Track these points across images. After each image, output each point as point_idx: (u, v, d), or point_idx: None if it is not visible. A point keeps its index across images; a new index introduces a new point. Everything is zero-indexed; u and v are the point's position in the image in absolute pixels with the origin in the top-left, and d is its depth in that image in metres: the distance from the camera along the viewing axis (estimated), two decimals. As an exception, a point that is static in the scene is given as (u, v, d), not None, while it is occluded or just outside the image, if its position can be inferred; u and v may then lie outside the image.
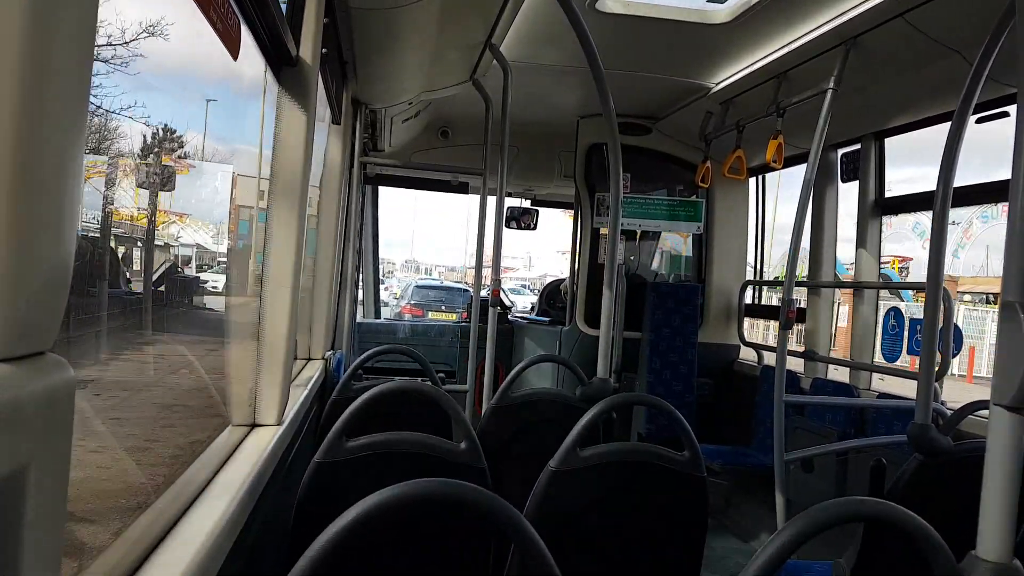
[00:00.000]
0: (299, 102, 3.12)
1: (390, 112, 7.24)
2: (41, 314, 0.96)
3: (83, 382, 2.37)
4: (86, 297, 2.31)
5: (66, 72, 0.97)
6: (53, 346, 1.00)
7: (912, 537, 1.70)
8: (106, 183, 2.51)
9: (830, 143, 6.65)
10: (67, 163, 0.99)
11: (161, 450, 3.19)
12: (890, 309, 6.30)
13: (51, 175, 0.94)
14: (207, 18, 2.15)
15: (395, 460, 2.90)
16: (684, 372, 7.93)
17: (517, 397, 4.54)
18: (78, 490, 2.09)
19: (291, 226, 3.13)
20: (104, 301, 2.52)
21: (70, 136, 1.00)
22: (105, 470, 2.53)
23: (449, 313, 19.51)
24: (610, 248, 4.98)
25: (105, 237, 2.59)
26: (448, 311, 19.75)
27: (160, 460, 3.09)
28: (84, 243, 2.32)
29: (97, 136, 2.26)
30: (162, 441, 3.26)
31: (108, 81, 2.05)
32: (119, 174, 2.59)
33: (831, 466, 6.02)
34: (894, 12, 4.53)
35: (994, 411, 2.39)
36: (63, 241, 0.99)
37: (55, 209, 0.96)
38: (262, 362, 3.11)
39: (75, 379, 1.04)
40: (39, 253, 0.92)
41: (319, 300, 5.84)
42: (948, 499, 3.32)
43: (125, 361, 3.13)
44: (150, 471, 2.86)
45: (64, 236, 0.99)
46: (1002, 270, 2.42)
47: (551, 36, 5.65)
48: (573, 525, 3.06)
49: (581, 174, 8.22)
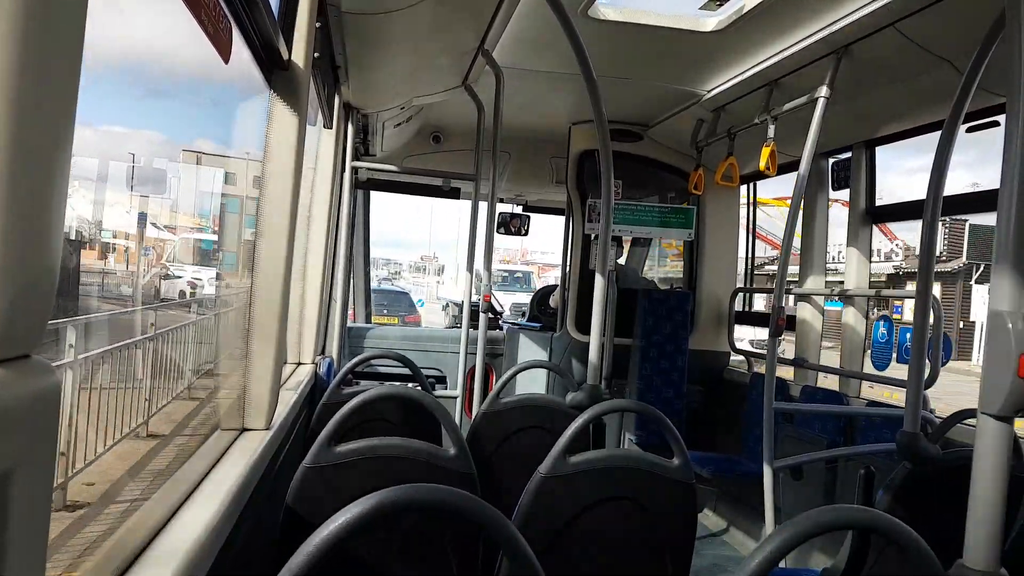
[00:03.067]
0: (290, 106, 3.12)
1: (382, 116, 7.24)
2: (26, 317, 0.95)
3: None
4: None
5: (54, 75, 0.97)
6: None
7: (899, 545, 1.70)
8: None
9: (821, 151, 6.66)
10: (54, 166, 0.99)
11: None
12: (880, 317, 6.32)
13: (37, 178, 0.94)
14: (198, 21, 2.14)
15: (384, 465, 2.90)
16: (675, 379, 7.93)
17: (507, 403, 4.53)
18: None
19: (282, 230, 3.13)
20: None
21: (57, 140, 1.00)
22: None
23: (392, 317, 20.13)
24: (601, 254, 4.98)
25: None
26: (390, 315, 20.40)
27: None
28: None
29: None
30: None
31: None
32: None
33: (821, 474, 6.03)
34: (885, 21, 4.55)
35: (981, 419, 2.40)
36: (49, 244, 0.98)
37: (41, 212, 0.96)
38: (251, 366, 3.10)
39: (60, 382, 1.03)
40: (24, 256, 0.92)
41: (309, 304, 5.83)
42: (937, 507, 3.32)
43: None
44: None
45: (50, 239, 0.99)
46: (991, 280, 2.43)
47: (544, 42, 5.65)
48: (562, 531, 3.06)
49: (573, 180, 8.21)
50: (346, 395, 4.31)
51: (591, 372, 4.86)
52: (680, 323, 8.00)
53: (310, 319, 5.83)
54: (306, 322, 5.80)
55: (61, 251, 1.03)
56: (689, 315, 8.15)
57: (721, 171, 6.78)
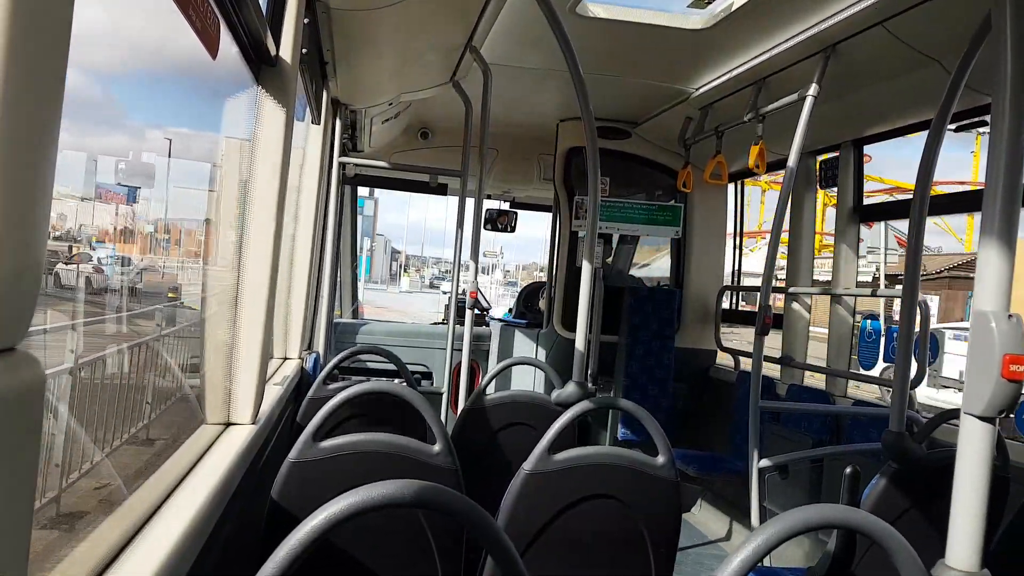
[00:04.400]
0: (278, 101, 3.11)
1: (370, 112, 7.23)
2: (10, 310, 0.95)
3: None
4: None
5: (40, 70, 0.97)
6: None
7: (881, 545, 1.71)
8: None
9: (808, 150, 6.67)
10: (39, 161, 0.98)
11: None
12: (867, 316, 6.33)
13: (22, 173, 0.94)
14: (185, 16, 2.14)
15: (368, 461, 2.89)
16: (661, 377, 7.94)
17: (492, 399, 4.53)
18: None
19: (269, 225, 3.12)
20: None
21: (43, 134, 0.99)
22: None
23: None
24: (587, 251, 4.98)
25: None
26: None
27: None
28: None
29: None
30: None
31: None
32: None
33: (807, 472, 6.05)
34: (873, 20, 4.56)
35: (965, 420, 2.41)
36: (34, 236, 0.98)
37: (26, 206, 0.95)
38: (237, 361, 3.10)
39: (45, 377, 1.03)
40: (8, 249, 0.92)
41: (296, 299, 5.82)
42: (922, 507, 3.34)
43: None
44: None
45: (35, 231, 0.98)
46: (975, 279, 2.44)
47: (532, 39, 5.65)
48: (546, 529, 3.05)
49: (560, 177, 8.21)
50: (332, 390, 4.30)
51: (576, 369, 4.87)
52: (666, 321, 8.01)
53: (297, 314, 5.82)
54: (293, 317, 5.79)
55: (46, 245, 1.02)
56: (676, 313, 8.16)
57: (710, 169, 6.78)
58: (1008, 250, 2.40)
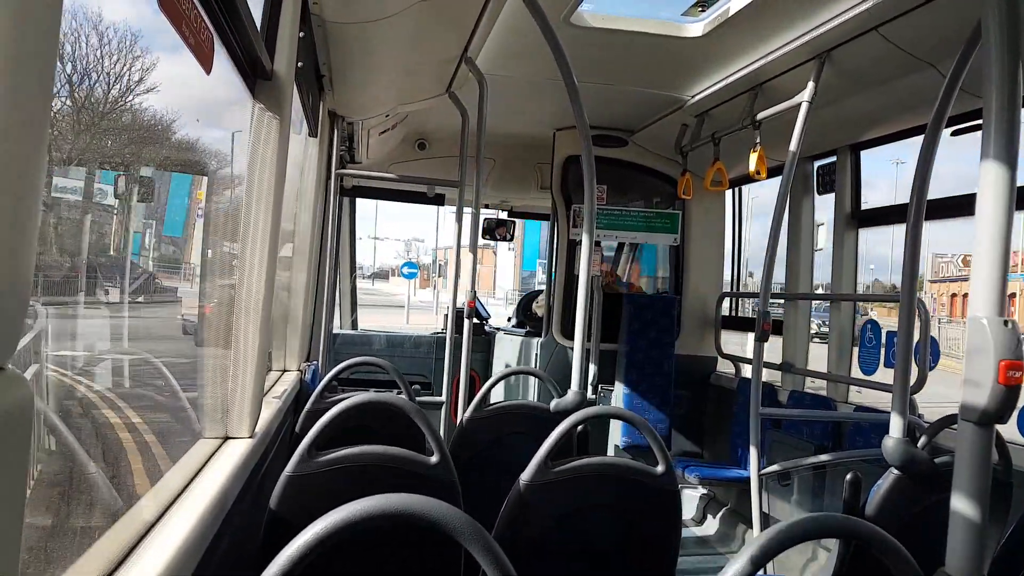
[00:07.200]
0: (274, 115, 3.11)
1: (367, 124, 7.24)
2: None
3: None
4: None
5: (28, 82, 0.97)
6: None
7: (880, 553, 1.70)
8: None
9: (805, 155, 6.67)
10: (27, 177, 0.98)
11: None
12: (867, 322, 6.32)
13: (10, 189, 0.93)
14: (179, 32, 2.13)
15: (366, 473, 2.89)
16: (661, 384, 7.91)
17: (491, 409, 4.53)
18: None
19: (265, 238, 3.11)
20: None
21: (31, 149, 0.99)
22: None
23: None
24: (585, 260, 4.97)
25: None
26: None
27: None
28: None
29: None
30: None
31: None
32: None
33: (809, 479, 6.03)
34: (868, 26, 4.56)
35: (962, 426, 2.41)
36: (21, 256, 0.98)
37: (13, 223, 0.95)
38: (235, 374, 3.09)
39: (33, 395, 1.02)
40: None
41: (295, 311, 5.82)
42: (923, 513, 3.33)
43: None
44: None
45: (22, 251, 0.98)
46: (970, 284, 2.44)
47: (527, 49, 5.66)
48: (545, 539, 3.05)
49: (558, 186, 8.21)
50: (330, 402, 4.30)
51: (575, 378, 4.86)
52: (666, 328, 7.99)
53: (295, 326, 5.82)
54: (292, 329, 5.79)
55: (34, 262, 1.02)
56: (675, 320, 8.14)
57: (710, 176, 6.78)
58: (1002, 255, 2.39)
